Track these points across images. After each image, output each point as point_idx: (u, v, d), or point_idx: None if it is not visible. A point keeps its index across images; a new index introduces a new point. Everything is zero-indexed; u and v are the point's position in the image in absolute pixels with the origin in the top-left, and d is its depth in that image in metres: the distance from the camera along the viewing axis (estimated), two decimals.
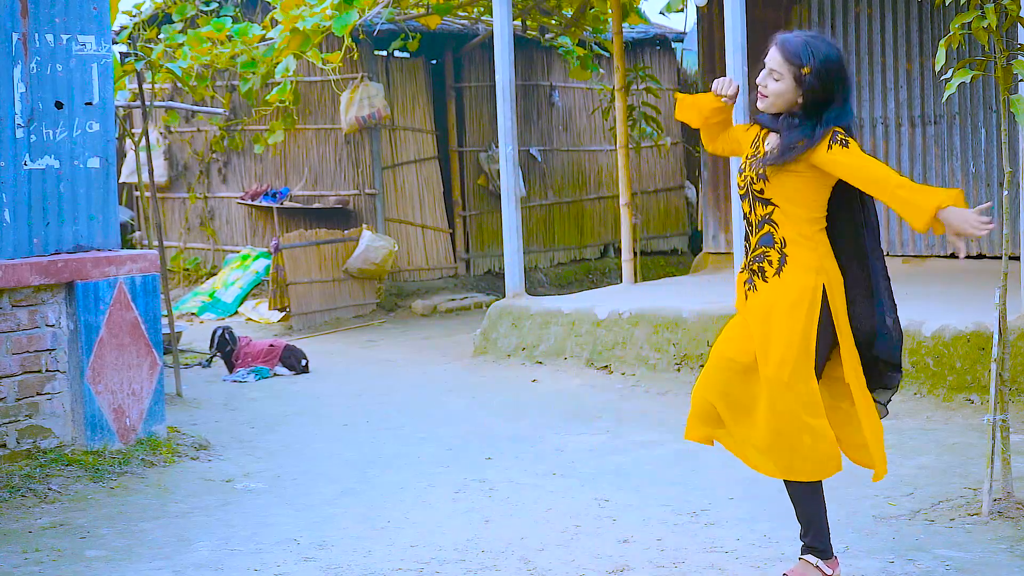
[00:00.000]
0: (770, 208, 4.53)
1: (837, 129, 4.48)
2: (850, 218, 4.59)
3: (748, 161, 4.64)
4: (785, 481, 4.59)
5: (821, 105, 4.51)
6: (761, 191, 4.54)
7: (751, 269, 4.59)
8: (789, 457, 4.50)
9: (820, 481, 4.59)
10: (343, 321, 12.69)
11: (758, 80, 4.63)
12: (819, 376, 4.56)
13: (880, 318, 4.65)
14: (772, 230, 4.54)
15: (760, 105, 4.63)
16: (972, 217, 4.31)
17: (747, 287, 4.61)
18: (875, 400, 4.65)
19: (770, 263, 4.54)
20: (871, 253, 4.61)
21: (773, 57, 4.58)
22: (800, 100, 4.53)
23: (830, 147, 4.44)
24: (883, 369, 4.66)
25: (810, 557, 4.60)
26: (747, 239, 4.64)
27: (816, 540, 4.61)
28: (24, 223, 6.71)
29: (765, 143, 4.62)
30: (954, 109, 10.53)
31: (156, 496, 6.26)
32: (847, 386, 4.59)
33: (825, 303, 4.50)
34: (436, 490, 6.19)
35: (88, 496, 6.22)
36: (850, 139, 4.48)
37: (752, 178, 4.56)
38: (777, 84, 4.57)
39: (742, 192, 4.65)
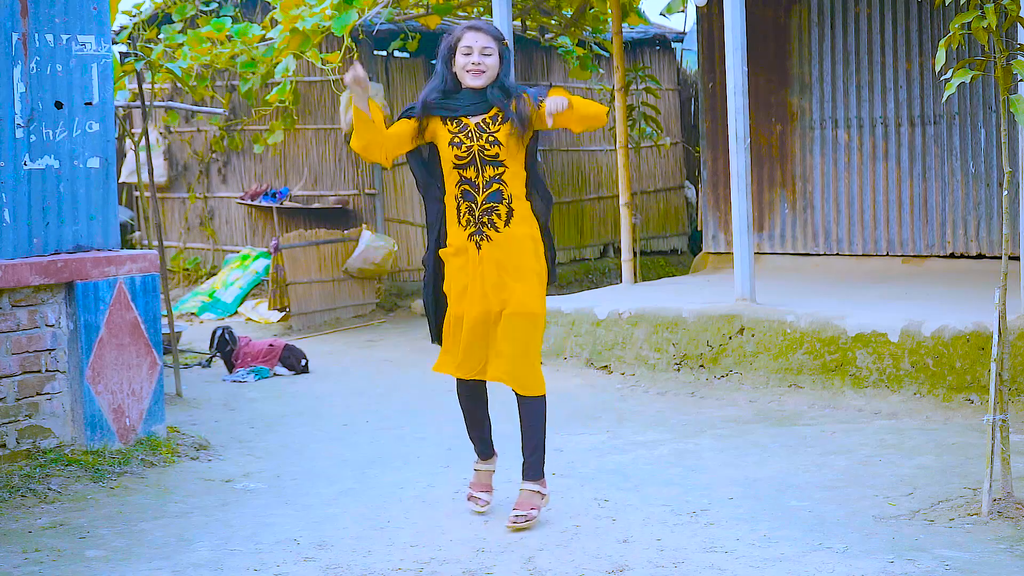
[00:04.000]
0: (501, 169, 5.37)
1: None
2: (532, 165, 5.48)
3: (464, 135, 5.37)
4: (529, 406, 5.44)
5: (508, 74, 5.44)
6: (496, 155, 5.35)
7: (480, 223, 5.39)
8: (534, 376, 5.41)
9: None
10: (343, 321, 12.70)
11: (472, 60, 5.35)
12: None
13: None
14: (501, 188, 5.38)
15: (476, 82, 5.38)
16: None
17: (477, 240, 5.40)
18: None
19: (499, 216, 5.39)
20: (549, 198, 5.59)
21: (480, 38, 5.37)
22: (499, 71, 5.40)
23: (538, 106, 5.33)
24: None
25: (533, 485, 5.49)
26: (469, 201, 5.38)
27: (540, 462, 5.51)
28: (24, 223, 6.71)
29: (474, 119, 5.38)
30: (954, 109, 10.53)
31: (156, 496, 6.26)
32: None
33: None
34: (436, 490, 6.20)
35: (88, 496, 6.23)
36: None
37: (484, 146, 5.34)
38: (491, 58, 5.37)
39: (462, 162, 5.37)
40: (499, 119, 5.37)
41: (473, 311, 5.41)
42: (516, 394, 5.48)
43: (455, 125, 5.41)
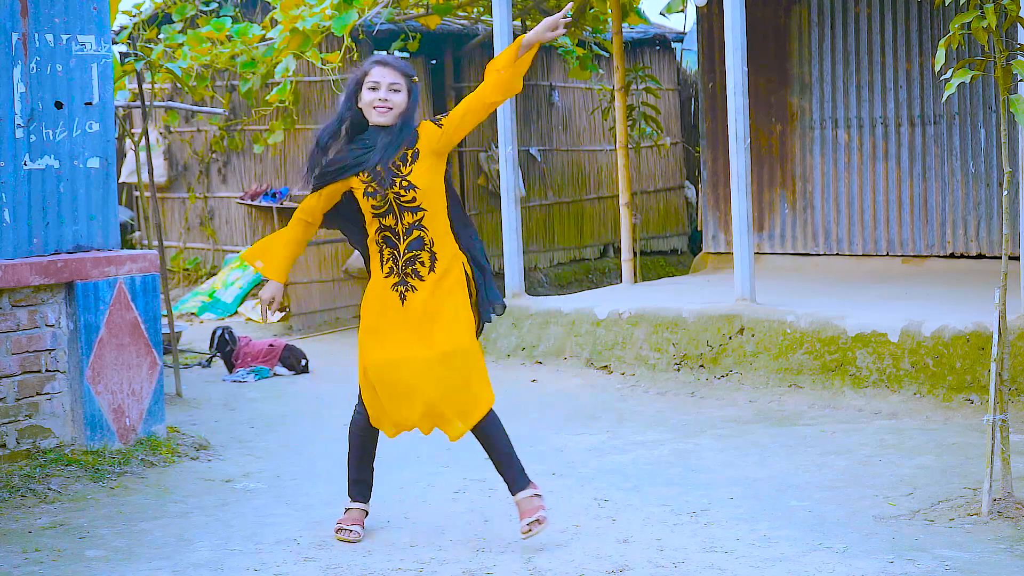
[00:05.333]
0: (420, 214, 5.15)
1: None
2: (451, 194, 5.28)
3: (377, 183, 5.14)
4: (476, 432, 5.20)
5: (414, 109, 5.24)
6: (412, 199, 5.13)
7: (404, 274, 5.18)
8: (472, 405, 5.14)
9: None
10: (343, 321, 12.69)
11: (379, 96, 5.14)
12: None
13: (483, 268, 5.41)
14: (422, 234, 5.17)
15: (384, 119, 5.16)
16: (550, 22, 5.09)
17: (402, 290, 5.19)
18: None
19: (422, 264, 5.17)
20: (469, 221, 5.40)
21: (388, 73, 5.18)
22: (406, 109, 5.20)
23: (440, 124, 5.19)
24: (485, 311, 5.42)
25: (526, 491, 5.20)
26: (391, 247, 5.18)
27: (521, 471, 5.23)
28: (24, 223, 6.71)
29: (384, 165, 5.14)
30: (954, 109, 10.53)
31: (156, 496, 6.26)
32: None
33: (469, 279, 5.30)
34: (436, 490, 6.20)
35: (88, 496, 6.23)
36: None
37: (399, 192, 5.12)
38: (399, 95, 5.17)
39: (379, 211, 5.16)
40: (408, 158, 5.16)
41: (397, 360, 5.16)
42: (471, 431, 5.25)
43: (366, 174, 5.17)
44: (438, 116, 5.24)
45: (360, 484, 5.49)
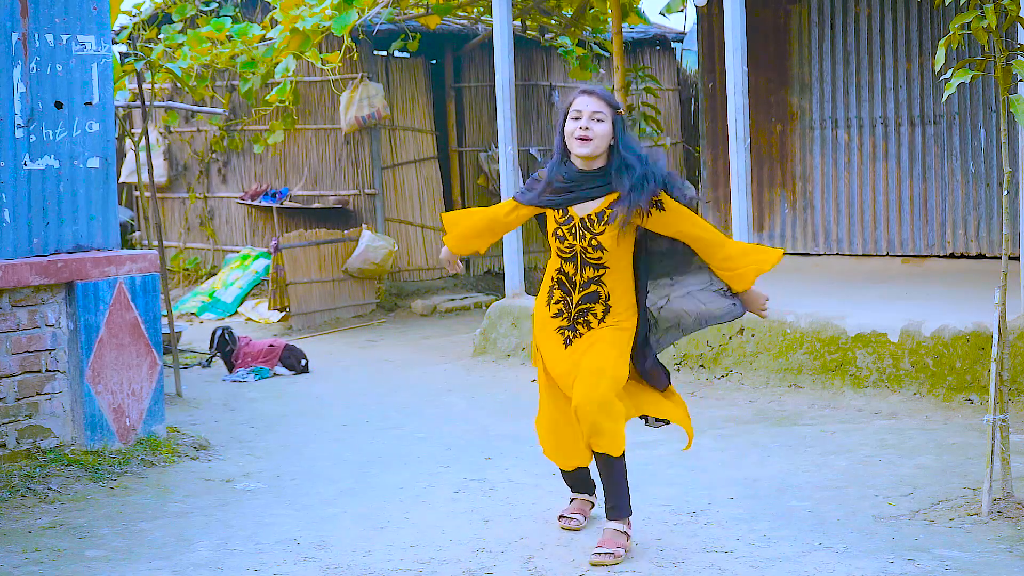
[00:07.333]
0: (601, 271, 4.89)
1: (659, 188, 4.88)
2: (642, 265, 5.02)
3: (568, 230, 4.90)
4: (601, 458, 4.99)
5: (631, 154, 4.85)
6: (599, 258, 4.86)
7: (574, 321, 4.96)
8: (611, 434, 4.92)
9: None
10: (343, 321, 12.70)
11: (579, 125, 4.84)
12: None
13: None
14: (599, 289, 4.92)
15: (583, 150, 4.85)
16: (763, 299, 5.03)
17: (567, 335, 5.00)
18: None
19: (594, 315, 4.95)
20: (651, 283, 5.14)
21: (591, 102, 4.87)
22: (611, 143, 4.86)
23: (661, 208, 4.85)
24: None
25: (616, 524, 5.02)
26: (563, 292, 4.96)
27: (623, 504, 5.03)
28: (24, 223, 6.71)
29: (582, 212, 4.88)
30: (954, 109, 10.53)
31: (156, 496, 6.26)
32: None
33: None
34: (436, 490, 6.20)
35: (88, 496, 6.22)
36: (667, 198, 4.88)
37: (586, 248, 4.86)
38: (601, 125, 4.84)
39: (565, 256, 4.92)
40: (604, 217, 4.86)
41: (558, 393, 5.18)
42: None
43: (562, 214, 4.92)
44: (657, 199, 4.88)
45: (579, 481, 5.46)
